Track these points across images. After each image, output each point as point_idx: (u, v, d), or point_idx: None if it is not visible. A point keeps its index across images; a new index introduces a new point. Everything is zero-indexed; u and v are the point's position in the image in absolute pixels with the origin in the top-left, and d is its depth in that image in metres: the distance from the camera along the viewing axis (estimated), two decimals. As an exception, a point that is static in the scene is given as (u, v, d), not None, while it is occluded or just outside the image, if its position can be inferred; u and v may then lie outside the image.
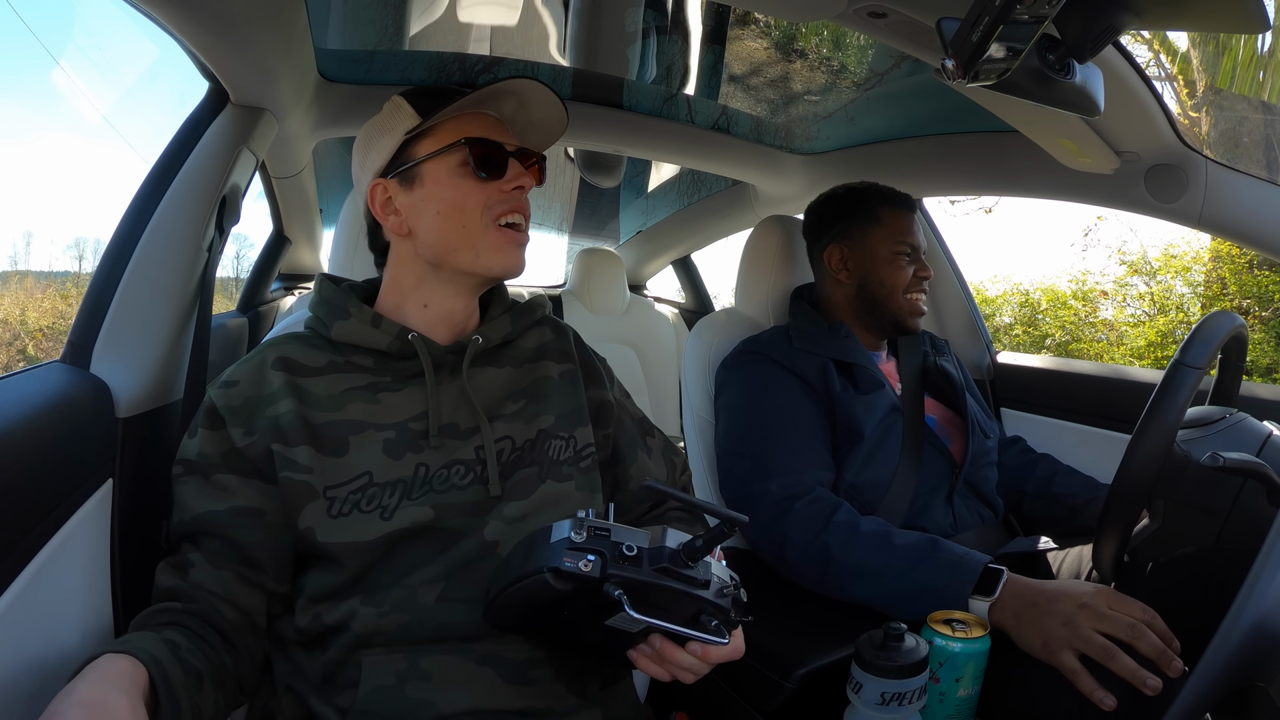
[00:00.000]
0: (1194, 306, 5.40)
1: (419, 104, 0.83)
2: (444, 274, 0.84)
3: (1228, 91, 5.28)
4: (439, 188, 0.82)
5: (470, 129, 0.82)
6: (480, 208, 0.82)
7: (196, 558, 0.74)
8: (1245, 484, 0.80)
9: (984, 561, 0.93)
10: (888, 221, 1.26)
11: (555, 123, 0.90)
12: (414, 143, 0.83)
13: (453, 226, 0.82)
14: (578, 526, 0.63)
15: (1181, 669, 0.78)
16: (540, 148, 0.92)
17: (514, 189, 0.83)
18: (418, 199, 0.83)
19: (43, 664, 0.68)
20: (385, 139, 0.85)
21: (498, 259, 0.83)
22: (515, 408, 0.85)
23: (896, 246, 1.25)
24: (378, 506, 0.75)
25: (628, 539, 0.63)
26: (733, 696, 0.98)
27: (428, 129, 0.83)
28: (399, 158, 0.84)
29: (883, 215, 1.27)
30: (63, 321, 8.76)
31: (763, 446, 1.14)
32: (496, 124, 0.86)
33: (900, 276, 1.25)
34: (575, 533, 0.62)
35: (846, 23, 0.87)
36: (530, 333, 0.92)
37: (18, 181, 26.53)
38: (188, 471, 0.76)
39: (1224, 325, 0.85)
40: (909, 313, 1.26)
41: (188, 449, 0.77)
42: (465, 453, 0.80)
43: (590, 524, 0.63)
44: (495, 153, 0.82)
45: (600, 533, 0.63)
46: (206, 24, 0.87)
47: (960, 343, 1.81)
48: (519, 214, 0.84)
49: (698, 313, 3.07)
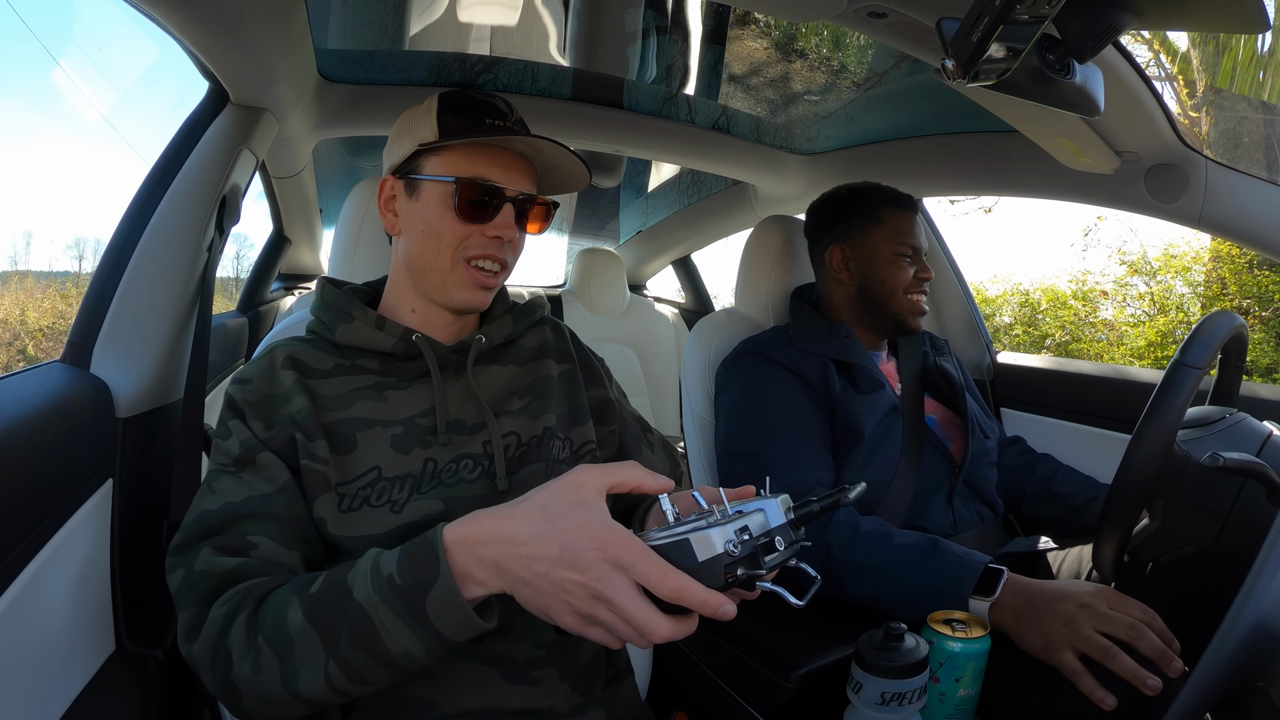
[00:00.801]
0: (1194, 306, 5.40)
1: (444, 118, 0.82)
2: (422, 290, 0.85)
3: (1228, 91, 5.28)
4: (429, 209, 0.82)
5: (475, 163, 0.81)
6: (455, 244, 0.81)
7: (260, 539, 0.69)
8: (1245, 484, 0.80)
9: (984, 561, 0.93)
10: (889, 222, 1.26)
11: (577, 172, 0.88)
12: (426, 155, 0.83)
13: (429, 250, 0.82)
14: (725, 540, 0.55)
15: (1181, 669, 0.78)
16: (560, 190, 0.91)
17: (492, 236, 0.82)
18: (412, 210, 0.83)
19: (43, 664, 0.68)
20: (407, 139, 0.84)
21: (460, 294, 0.83)
22: (521, 404, 0.86)
23: (898, 247, 1.25)
24: (387, 501, 0.75)
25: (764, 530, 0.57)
26: (733, 696, 0.98)
27: (441, 147, 0.82)
28: (410, 163, 0.84)
29: (884, 215, 1.27)
30: (63, 321, 8.76)
31: (763, 446, 1.14)
32: (511, 162, 0.83)
33: (901, 277, 1.25)
34: (730, 547, 0.54)
35: (846, 23, 0.87)
36: (531, 333, 0.93)
37: (18, 181, 26.55)
38: (238, 466, 0.73)
39: (1224, 325, 0.85)
40: (910, 312, 1.26)
41: (229, 447, 0.75)
42: (473, 448, 0.80)
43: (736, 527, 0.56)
44: (487, 196, 0.81)
45: (745, 537, 0.56)
46: (206, 24, 0.87)
47: (960, 343, 1.81)
48: (491, 260, 0.82)
49: (698, 313, 3.07)
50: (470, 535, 0.56)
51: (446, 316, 0.86)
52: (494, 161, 0.82)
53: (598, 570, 0.51)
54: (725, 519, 0.56)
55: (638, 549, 0.52)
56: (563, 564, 0.52)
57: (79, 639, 0.76)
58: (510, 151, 0.83)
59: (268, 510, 0.71)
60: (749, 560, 0.55)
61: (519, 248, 0.87)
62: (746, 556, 0.55)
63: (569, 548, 0.52)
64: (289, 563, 0.70)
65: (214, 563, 0.67)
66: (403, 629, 0.56)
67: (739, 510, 0.59)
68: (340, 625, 0.58)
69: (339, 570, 0.62)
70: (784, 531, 0.58)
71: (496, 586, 0.56)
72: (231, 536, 0.69)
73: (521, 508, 0.56)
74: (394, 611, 0.56)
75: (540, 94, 1.56)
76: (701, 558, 0.54)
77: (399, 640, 0.56)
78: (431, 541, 0.57)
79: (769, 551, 0.56)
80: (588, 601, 0.52)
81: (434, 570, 0.55)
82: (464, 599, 0.55)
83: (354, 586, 0.59)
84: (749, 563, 0.55)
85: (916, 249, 1.27)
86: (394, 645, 0.56)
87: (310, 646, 0.59)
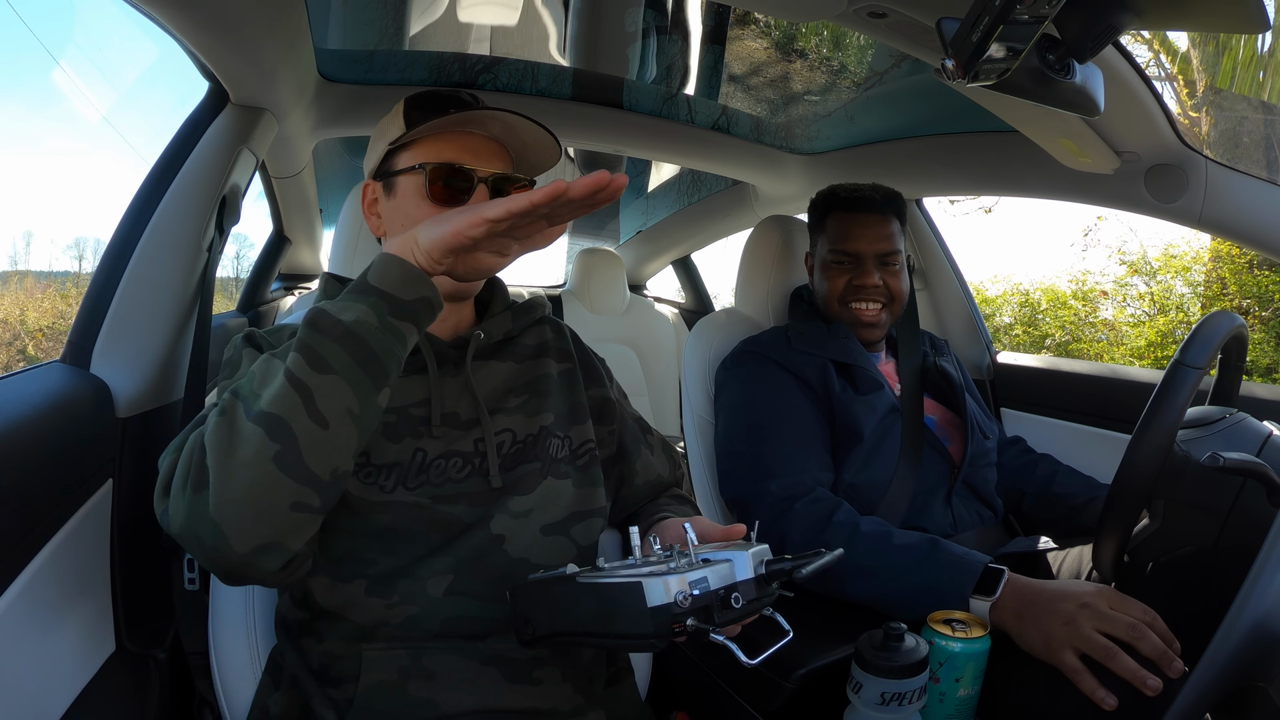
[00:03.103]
0: (1194, 306, 5.40)
1: (410, 114, 0.83)
2: None
3: (1228, 91, 5.28)
4: (405, 203, 0.82)
5: (443, 151, 0.81)
6: None
7: None
8: (1245, 484, 0.80)
9: (984, 561, 0.93)
10: (830, 228, 1.27)
11: (547, 146, 0.86)
12: (397, 153, 0.83)
13: None
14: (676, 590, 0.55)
15: (1182, 669, 0.78)
16: (539, 169, 0.90)
17: None
18: (392, 208, 0.83)
19: (43, 664, 0.68)
20: (379, 142, 0.85)
21: (444, 283, 0.81)
22: (518, 401, 0.86)
23: (832, 254, 1.25)
24: (376, 484, 0.76)
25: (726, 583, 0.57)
26: (733, 696, 0.98)
27: (410, 141, 0.82)
28: (385, 164, 0.84)
29: (828, 221, 1.27)
30: (63, 321, 8.75)
31: (762, 447, 1.14)
32: (481, 146, 0.82)
33: (832, 285, 1.25)
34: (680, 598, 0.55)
35: (846, 23, 0.87)
36: (530, 331, 0.93)
37: (18, 181, 26.55)
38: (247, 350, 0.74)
39: (1224, 325, 0.85)
40: (850, 322, 1.24)
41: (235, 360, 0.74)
42: (464, 445, 0.80)
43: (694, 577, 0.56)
44: (456, 179, 0.80)
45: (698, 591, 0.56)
46: (206, 24, 0.87)
47: (960, 343, 1.81)
48: None
49: (698, 313, 3.07)
50: None
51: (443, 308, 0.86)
52: (463, 147, 0.81)
53: None
54: (688, 567, 0.57)
55: None
56: None
57: (79, 639, 0.76)
58: (480, 136, 0.83)
59: None
60: (701, 613, 0.56)
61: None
62: (699, 609, 0.55)
63: None
64: None
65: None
66: (350, 304, 0.60)
67: (706, 559, 0.59)
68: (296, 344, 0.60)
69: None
70: (746, 588, 0.58)
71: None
72: None
73: None
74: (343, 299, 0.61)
75: (540, 94, 1.56)
76: (651, 604, 0.54)
77: (348, 313, 0.60)
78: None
79: (725, 606, 0.57)
80: None
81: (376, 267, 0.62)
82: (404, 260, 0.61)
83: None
84: (700, 615, 0.56)
85: (856, 255, 1.23)
86: (345, 316, 0.60)
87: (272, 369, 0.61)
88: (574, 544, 0.83)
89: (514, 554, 0.78)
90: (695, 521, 0.74)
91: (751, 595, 0.58)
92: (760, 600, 0.60)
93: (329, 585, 0.75)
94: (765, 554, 0.62)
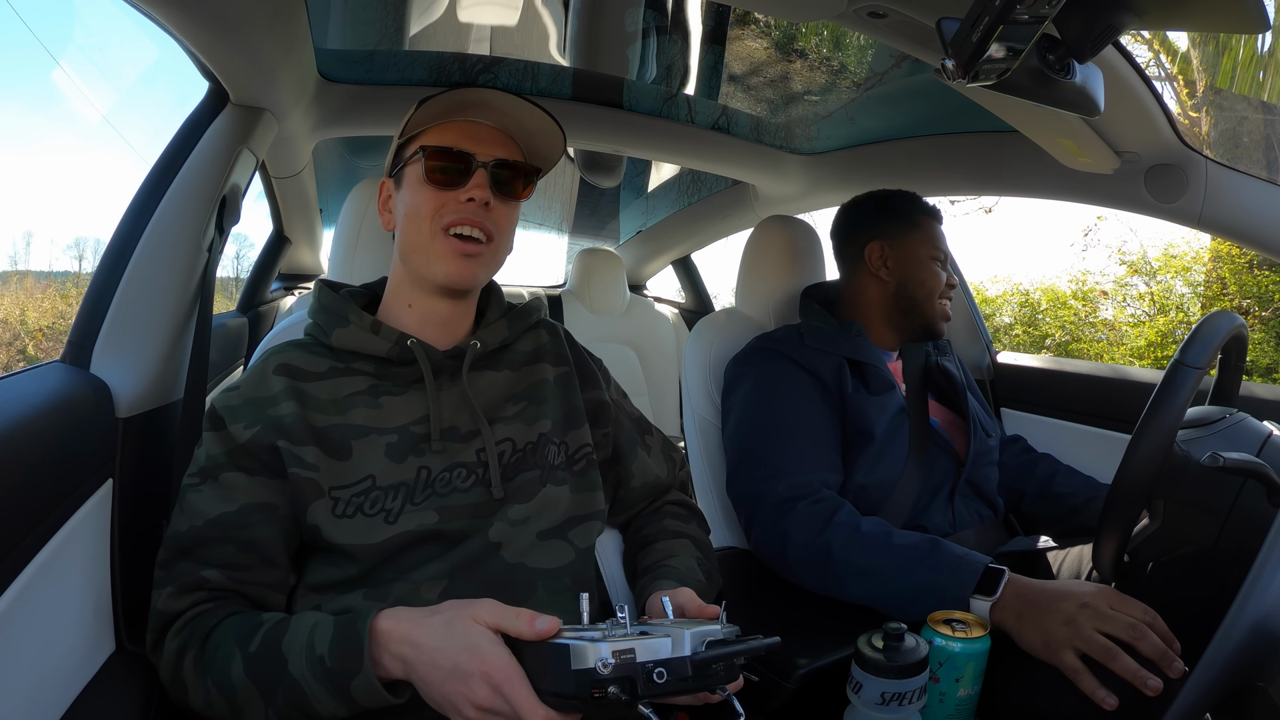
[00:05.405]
0: (1194, 306, 5.39)
1: (418, 111, 0.84)
2: (413, 275, 0.85)
3: (1228, 91, 5.28)
4: (409, 192, 0.84)
5: (443, 137, 0.83)
6: (431, 214, 0.82)
7: (212, 574, 0.73)
8: (1245, 484, 0.80)
9: (984, 562, 0.93)
10: (925, 227, 1.29)
11: (551, 132, 0.87)
12: (406, 146, 0.86)
13: (412, 231, 0.83)
14: (597, 657, 0.57)
15: (1182, 669, 0.78)
16: (548, 160, 0.90)
17: (466, 200, 0.82)
18: (400, 200, 0.86)
19: (43, 664, 0.68)
20: (394, 142, 0.88)
21: (442, 267, 0.82)
22: (515, 410, 0.86)
23: (934, 252, 1.27)
24: (381, 510, 0.76)
25: (654, 658, 0.58)
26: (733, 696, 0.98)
27: (418, 133, 0.85)
28: (395, 160, 0.87)
29: (921, 221, 1.29)
30: (63, 321, 8.75)
31: (772, 445, 1.14)
32: (485, 134, 0.84)
33: (937, 281, 1.27)
34: (600, 665, 0.57)
35: (846, 23, 0.87)
36: (526, 336, 0.93)
37: (18, 181, 26.53)
38: (201, 479, 0.76)
39: (1224, 325, 0.85)
40: (941, 318, 1.28)
41: (198, 458, 0.78)
42: (466, 456, 0.80)
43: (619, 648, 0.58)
44: (455, 162, 0.82)
45: (622, 659, 0.57)
46: (206, 24, 0.87)
47: (960, 343, 1.81)
48: (468, 225, 0.82)
49: (698, 313, 3.07)
50: (387, 630, 0.65)
51: (441, 308, 0.86)
52: (465, 134, 0.83)
53: (482, 689, 0.60)
54: (618, 637, 0.59)
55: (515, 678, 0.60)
56: (455, 677, 0.61)
57: (79, 639, 0.76)
58: (485, 125, 0.85)
59: (225, 535, 0.74)
60: (623, 683, 0.57)
61: (504, 218, 0.85)
62: (620, 679, 0.57)
63: (460, 666, 0.61)
64: (243, 589, 0.75)
65: (169, 605, 0.73)
66: (330, 700, 0.65)
67: (644, 631, 0.61)
68: (277, 687, 0.66)
69: (276, 630, 0.69)
70: (678, 665, 0.59)
71: (403, 675, 0.65)
72: (191, 566, 0.74)
73: (433, 620, 0.65)
74: (323, 687, 0.65)
75: (540, 94, 1.56)
76: (575, 666, 0.58)
77: (327, 706, 0.65)
78: (360, 633, 0.65)
79: (649, 680, 0.58)
80: (474, 710, 0.61)
81: (358, 662, 0.64)
82: (381, 687, 0.64)
83: (289, 657, 0.66)
84: (623, 685, 0.57)
85: (948, 257, 1.30)
86: (323, 710, 0.65)
87: (251, 698, 0.67)
88: (572, 547, 0.83)
89: (510, 559, 0.79)
90: (675, 595, 0.77)
91: (685, 674, 0.59)
92: (703, 679, 0.60)
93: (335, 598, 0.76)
94: (715, 635, 0.62)
